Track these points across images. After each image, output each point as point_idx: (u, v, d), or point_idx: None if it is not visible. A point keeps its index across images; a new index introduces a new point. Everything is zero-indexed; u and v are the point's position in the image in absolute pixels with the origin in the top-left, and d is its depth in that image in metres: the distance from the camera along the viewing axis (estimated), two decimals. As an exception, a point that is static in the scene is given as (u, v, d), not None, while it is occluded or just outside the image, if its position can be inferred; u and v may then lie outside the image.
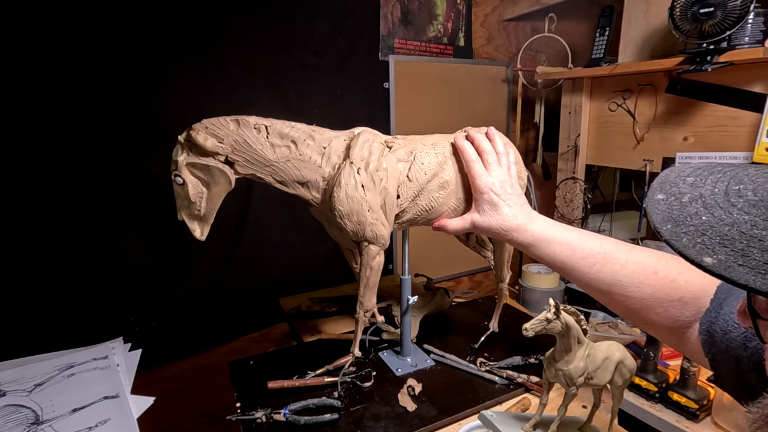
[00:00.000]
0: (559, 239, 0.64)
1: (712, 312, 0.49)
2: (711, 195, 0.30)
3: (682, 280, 0.53)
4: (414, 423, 0.73)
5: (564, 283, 1.48)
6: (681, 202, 0.30)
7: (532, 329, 0.54)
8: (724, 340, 0.46)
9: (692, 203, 0.30)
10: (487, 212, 0.71)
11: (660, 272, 0.54)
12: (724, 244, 0.27)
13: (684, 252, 0.27)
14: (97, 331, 0.95)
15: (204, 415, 1.33)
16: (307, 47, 1.32)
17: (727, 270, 0.25)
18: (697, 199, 0.30)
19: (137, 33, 1.09)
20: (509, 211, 0.70)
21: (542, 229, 0.67)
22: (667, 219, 0.30)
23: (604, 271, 0.58)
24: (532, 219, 0.69)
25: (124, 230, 1.15)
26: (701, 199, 0.30)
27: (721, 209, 0.29)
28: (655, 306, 0.54)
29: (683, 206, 0.30)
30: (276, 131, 0.70)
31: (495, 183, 0.72)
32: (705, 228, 0.28)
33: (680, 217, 0.30)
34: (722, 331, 0.46)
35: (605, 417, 0.69)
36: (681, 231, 0.29)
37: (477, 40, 1.67)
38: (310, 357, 0.92)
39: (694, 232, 0.28)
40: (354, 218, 0.73)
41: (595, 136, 1.49)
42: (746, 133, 1.10)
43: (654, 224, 0.30)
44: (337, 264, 1.35)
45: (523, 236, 0.68)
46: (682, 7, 1.05)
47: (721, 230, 0.27)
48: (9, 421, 0.68)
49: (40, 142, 1.02)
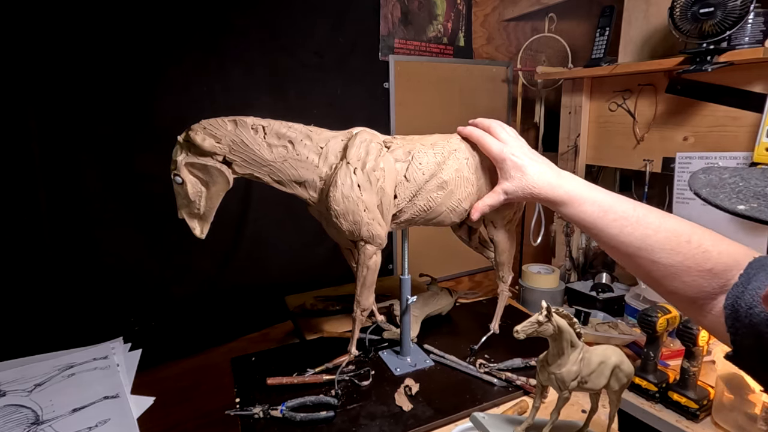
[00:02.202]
0: (591, 199, 0.63)
1: (740, 286, 0.49)
2: (749, 173, 0.35)
3: (715, 251, 0.52)
4: (409, 423, 0.73)
5: (564, 283, 1.47)
6: (721, 178, 0.35)
7: (524, 332, 0.54)
8: (748, 315, 0.46)
9: (732, 178, 0.35)
10: (515, 177, 0.70)
11: (693, 241, 0.54)
12: (757, 197, 0.31)
13: (720, 204, 0.31)
14: (97, 331, 0.95)
15: (204, 415, 1.34)
16: (307, 47, 1.32)
17: (759, 212, 0.29)
18: (735, 176, 0.35)
19: (137, 33, 1.09)
20: (536, 170, 0.69)
21: (574, 187, 0.66)
22: (706, 185, 0.34)
23: (635, 235, 0.57)
24: (561, 176, 0.68)
25: (124, 230, 1.16)
26: (740, 175, 0.35)
27: (757, 179, 0.34)
28: (682, 274, 0.53)
29: (723, 180, 0.35)
30: (273, 131, 0.71)
31: (513, 148, 0.72)
32: (740, 189, 0.33)
33: (719, 184, 0.34)
34: (747, 306, 0.46)
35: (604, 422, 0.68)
36: (719, 192, 0.33)
37: (477, 40, 1.67)
38: (311, 355, 0.92)
39: (730, 191, 0.33)
40: (350, 218, 0.73)
41: (595, 136, 1.49)
42: (746, 133, 1.10)
43: (694, 189, 0.35)
44: (337, 264, 1.35)
45: (555, 193, 0.67)
46: (682, 7, 1.05)
47: (755, 190, 0.32)
48: (9, 421, 0.68)
49: (40, 142, 1.03)
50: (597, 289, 1.40)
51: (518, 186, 0.70)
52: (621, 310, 1.33)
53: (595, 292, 1.39)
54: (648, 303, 1.22)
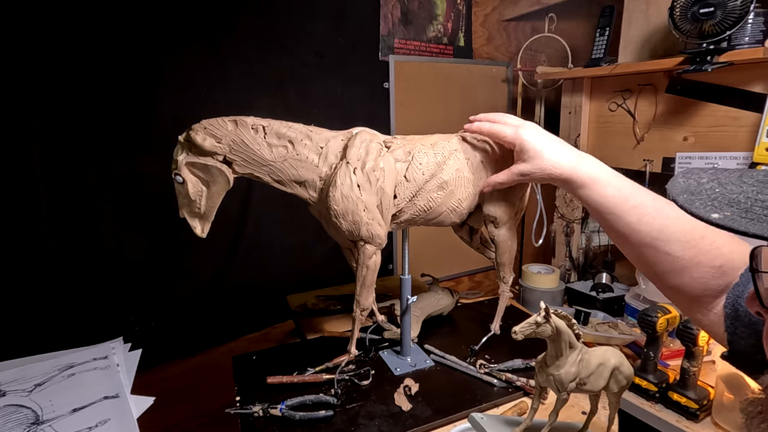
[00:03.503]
0: (613, 184, 0.62)
1: (740, 286, 0.49)
2: (726, 178, 0.35)
3: (727, 249, 0.52)
4: (408, 423, 0.73)
5: (564, 283, 1.47)
6: (699, 182, 0.35)
7: (522, 332, 0.54)
8: (747, 315, 0.46)
9: (709, 183, 0.35)
10: (534, 158, 0.69)
11: (707, 237, 0.53)
12: (731, 205, 0.31)
13: (695, 212, 0.32)
14: (97, 331, 0.95)
15: (204, 415, 1.33)
16: (307, 47, 1.32)
17: (732, 222, 0.29)
18: (713, 180, 0.35)
19: (137, 33, 1.09)
20: (555, 150, 0.68)
21: (596, 170, 0.64)
22: (684, 191, 0.34)
23: (654, 225, 0.56)
24: (582, 157, 0.67)
25: (125, 230, 1.16)
26: (717, 180, 0.35)
27: (733, 185, 0.33)
28: (692, 269, 0.53)
29: (701, 184, 0.35)
30: (273, 131, 0.71)
31: (527, 129, 0.71)
32: (716, 196, 0.32)
33: (697, 190, 0.34)
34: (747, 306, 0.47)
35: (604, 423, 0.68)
36: (695, 199, 0.33)
37: (477, 40, 1.67)
38: (312, 354, 0.92)
39: (706, 198, 0.32)
40: (349, 218, 0.73)
41: (595, 136, 1.49)
42: (746, 133, 1.10)
43: (672, 196, 0.35)
44: (339, 263, 1.34)
45: (575, 174, 0.65)
46: (682, 7, 1.05)
47: (730, 197, 0.32)
48: (9, 421, 0.68)
49: (40, 142, 1.03)
50: (597, 289, 1.40)
51: (536, 167, 0.69)
52: (621, 310, 1.33)
53: (595, 292, 1.39)
54: (648, 303, 1.23)
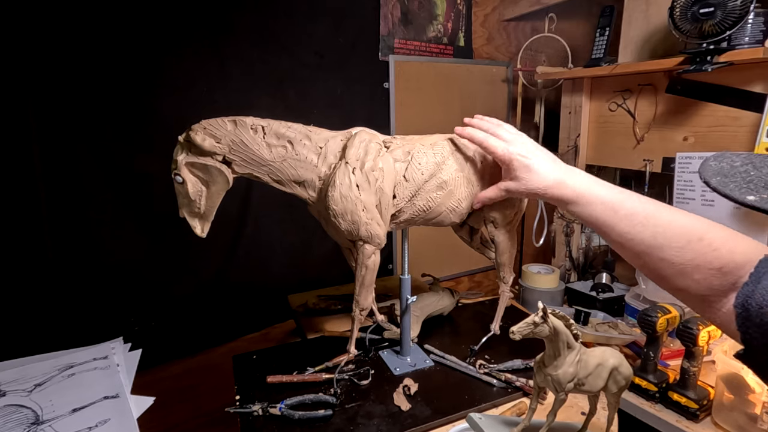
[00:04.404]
0: (601, 197, 0.62)
1: (749, 286, 0.48)
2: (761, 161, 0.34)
3: (726, 249, 0.51)
4: (406, 422, 0.73)
5: (564, 284, 1.47)
6: (732, 165, 0.34)
7: (519, 332, 0.54)
8: (758, 315, 0.45)
9: (743, 166, 0.34)
10: (522, 177, 0.70)
11: (705, 239, 0.53)
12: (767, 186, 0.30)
13: (729, 194, 0.31)
14: (97, 331, 0.95)
15: (204, 415, 1.33)
16: (307, 47, 1.32)
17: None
18: (748, 164, 0.34)
19: (137, 33, 1.09)
20: (544, 168, 0.68)
21: (584, 185, 0.65)
22: (717, 173, 0.33)
23: (645, 233, 0.57)
24: (571, 173, 0.67)
25: (125, 230, 1.16)
26: (752, 163, 0.34)
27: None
28: (692, 272, 0.53)
29: (734, 167, 0.34)
30: (272, 131, 0.71)
31: (517, 147, 0.71)
32: (751, 179, 0.32)
33: (730, 173, 0.33)
34: (758, 305, 0.46)
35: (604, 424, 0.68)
36: (729, 181, 0.32)
37: (477, 40, 1.67)
38: (312, 353, 0.92)
39: (740, 181, 0.32)
40: (348, 218, 0.73)
41: (595, 136, 1.49)
42: (746, 133, 1.10)
43: (705, 178, 0.34)
44: (339, 263, 1.34)
45: (564, 191, 0.66)
46: (682, 7, 1.05)
47: (766, 180, 0.31)
48: (9, 421, 0.68)
49: (40, 142, 1.03)
50: (597, 289, 1.40)
51: (525, 186, 0.70)
52: (621, 310, 1.33)
53: (595, 292, 1.39)
54: (648, 303, 1.22)
